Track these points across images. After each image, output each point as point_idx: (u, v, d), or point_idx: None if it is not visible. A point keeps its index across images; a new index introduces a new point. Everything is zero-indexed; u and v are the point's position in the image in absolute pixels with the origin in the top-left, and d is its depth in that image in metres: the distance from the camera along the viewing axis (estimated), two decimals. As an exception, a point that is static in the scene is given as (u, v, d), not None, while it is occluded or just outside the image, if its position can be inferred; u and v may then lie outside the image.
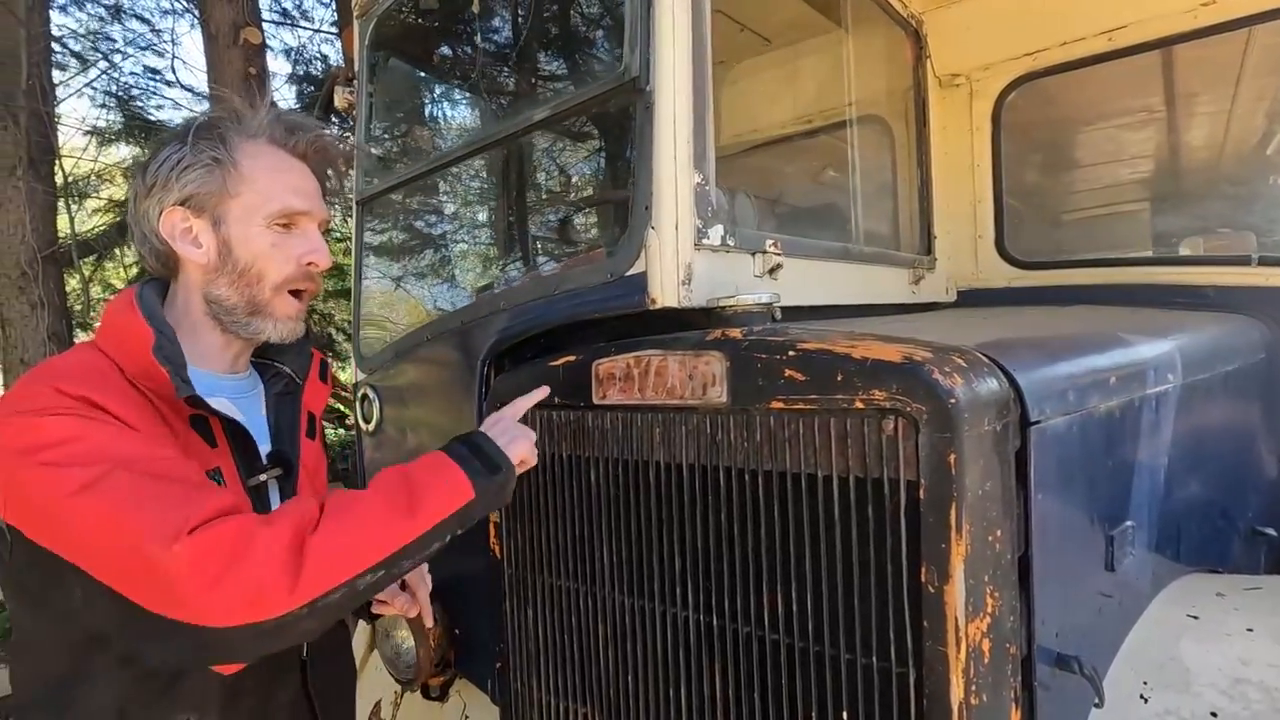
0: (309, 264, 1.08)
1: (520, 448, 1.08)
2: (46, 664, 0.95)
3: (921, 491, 0.88)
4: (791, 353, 1.00)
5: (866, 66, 2.28)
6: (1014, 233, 2.41)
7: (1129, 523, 1.22)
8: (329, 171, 1.15)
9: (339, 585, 0.82)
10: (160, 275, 1.10)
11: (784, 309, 1.23)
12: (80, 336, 5.66)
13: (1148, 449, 1.30)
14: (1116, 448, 1.21)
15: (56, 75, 5.61)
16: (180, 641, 0.78)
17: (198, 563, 0.76)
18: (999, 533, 0.92)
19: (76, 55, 6.46)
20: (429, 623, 1.31)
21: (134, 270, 6.82)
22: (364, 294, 2.20)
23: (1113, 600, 1.20)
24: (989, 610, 0.90)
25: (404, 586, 1.29)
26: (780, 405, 1.01)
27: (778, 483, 1.02)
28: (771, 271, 1.41)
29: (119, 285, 6.83)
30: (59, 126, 5.40)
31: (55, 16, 5.61)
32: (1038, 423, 0.98)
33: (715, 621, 1.09)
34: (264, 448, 1.11)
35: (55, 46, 5.63)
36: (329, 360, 1.32)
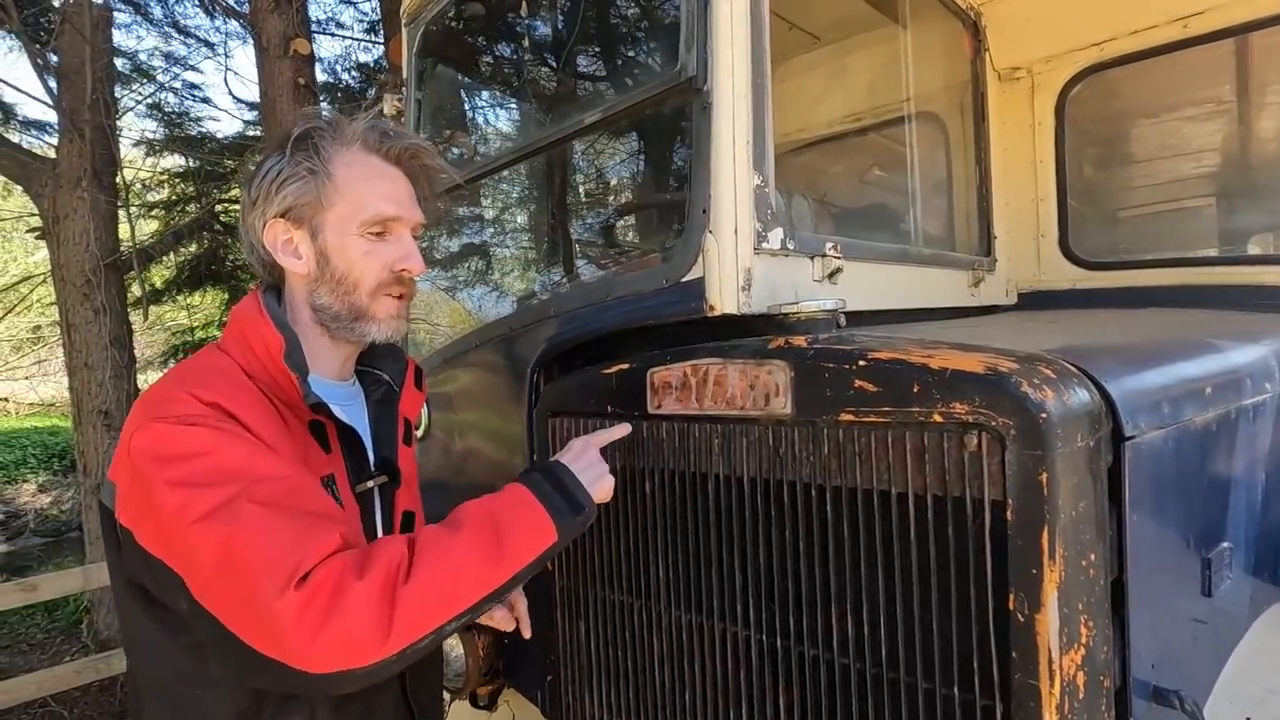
0: (402, 270, 1.08)
1: (605, 487, 1.06)
2: (162, 663, 0.97)
3: (1009, 512, 0.82)
4: (862, 362, 0.95)
5: (920, 61, 2.20)
6: (1079, 232, 2.30)
7: (1225, 544, 1.13)
8: (424, 182, 1.14)
9: (428, 634, 0.84)
10: (270, 284, 1.13)
11: (845, 315, 1.17)
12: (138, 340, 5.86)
13: (1245, 464, 1.21)
14: (1212, 463, 1.13)
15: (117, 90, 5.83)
16: (277, 675, 0.81)
17: (302, 615, 0.78)
18: (1092, 557, 0.85)
19: (138, 71, 6.72)
20: (526, 634, 1.29)
21: (170, 274, 7.05)
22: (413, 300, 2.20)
23: (1208, 627, 1.12)
24: (1083, 640, 0.83)
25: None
26: (850, 418, 0.96)
27: (847, 499, 0.97)
28: (831, 275, 1.35)
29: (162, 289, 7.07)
30: (120, 139, 5.60)
31: (116, 35, 5.83)
32: (1132, 438, 0.91)
33: (779, 642, 1.05)
34: (370, 455, 1.14)
35: (116, 61, 5.85)
36: (421, 369, 1.32)
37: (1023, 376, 0.84)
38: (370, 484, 1.10)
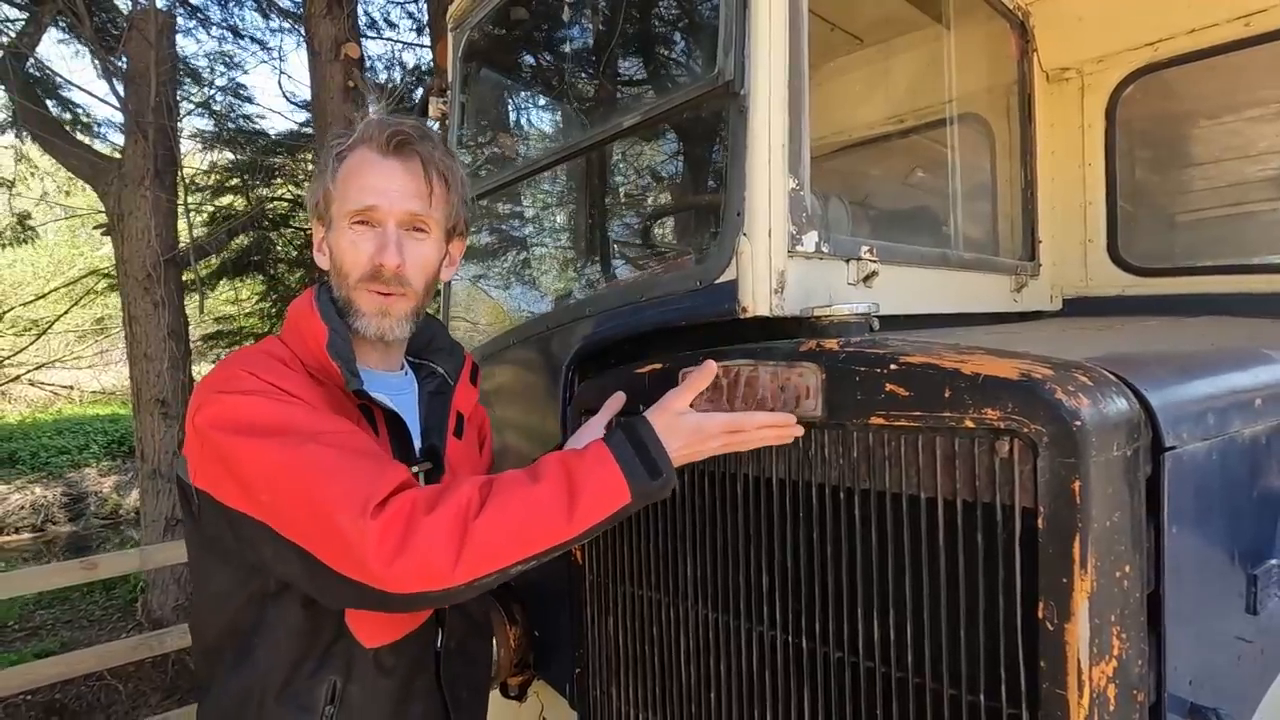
0: (378, 263, 1.08)
1: (693, 449, 1.02)
2: (229, 617, 1.06)
3: (1040, 520, 0.81)
4: (894, 366, 0.95)
5: (966, 62, 2.17)
6: (1129, 236, 2.23)
7: (1274, 561, 1.09)
8: (421, 164, 1.11)
9: (494, 571, 0.90)
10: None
11: (879, 319, 1.17)
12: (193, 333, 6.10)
13: (1297, 479, 1.17)
14: (1262, 477, 1.09)
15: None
16: (361, 597, 0.89)
17: (380, 539, 0.85)
18: (1127, 568, 0.84)
19: (193, 76, 7.00)
20: None
21: (212, 267, 7.30)
22: (453, 298, 2.26)
23: (1253, 647, 1.08)
24: (1115, 652, 0.82)
25: None
26: (880, 421, 0.96)
27: (875, 502, 0.97)
28: (866, 279, 1.35)
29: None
30: (180, 139, 5.85)
31: (179, 39, 6.09)
32: (1172, 448, 0.89)
33: (805, 644, 1.05)
34: (416, 443, 1.17)
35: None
36: (479, 366, 1.37)
37: (1057, 383, 0.83)
38: (415, 469, 1.13)
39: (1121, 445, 0.83)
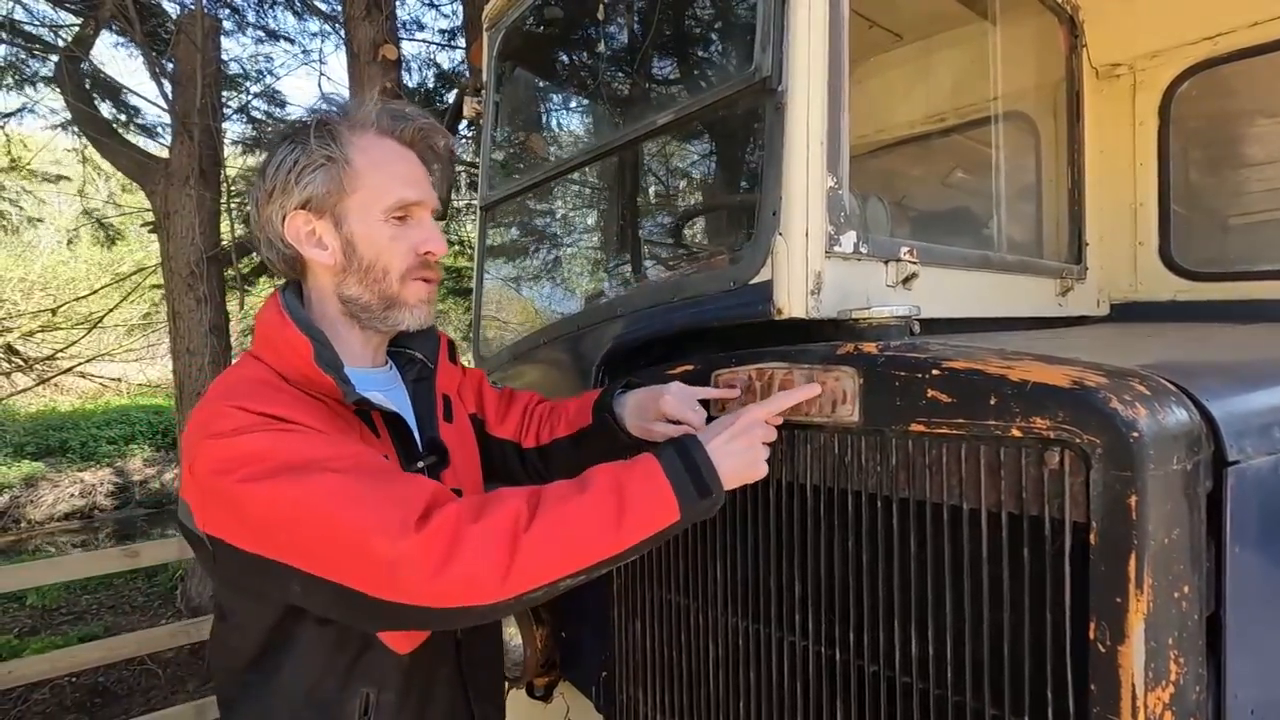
0: (426, 253, 1.08)
1: (751, 472, 1.01)
2: (255, 640, 1.02)
3: (1092, 536, 0.77)
4: (936, 371, 0.91)
5: (1010, 59, 2.10)
6: (1183, 239, 2.14)
7: (1344, 584, 1.03)
8: (434, 163, 1.14)
9: (542, 585, 0.86)
10: (290, 278, 1.13)
11: (919, 322, 1.13)
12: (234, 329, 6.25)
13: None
14: (1331, 495, 1.03)
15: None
16: (401, 619, 0.86)
17: (423, 556, 0.82)
18: (1186, 589, 0.79)
19: (235, 80, 7.18)
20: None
21: (253, 264, 7.44)
22: (484, 296, 2.27)
23: (1320, 674, 1.02)
24: (1172, 678, 0.77)
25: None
26: (920, 428, 0.92)
27: (915, 512, 0.93)
28: (906, 281, 1.31)
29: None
30: (224, 140, 6.00)
31: (225, 42, 6.25)
32: (1236, 463, 0.84)
33: (838, 655, 1.02)
34: (416, 436, 1.14)
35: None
36: (454, 341, 1.32)
37: (1112, 392, 0.79)
38: (420, 465, 1.10)
39: (1181, 458, 0.79)
